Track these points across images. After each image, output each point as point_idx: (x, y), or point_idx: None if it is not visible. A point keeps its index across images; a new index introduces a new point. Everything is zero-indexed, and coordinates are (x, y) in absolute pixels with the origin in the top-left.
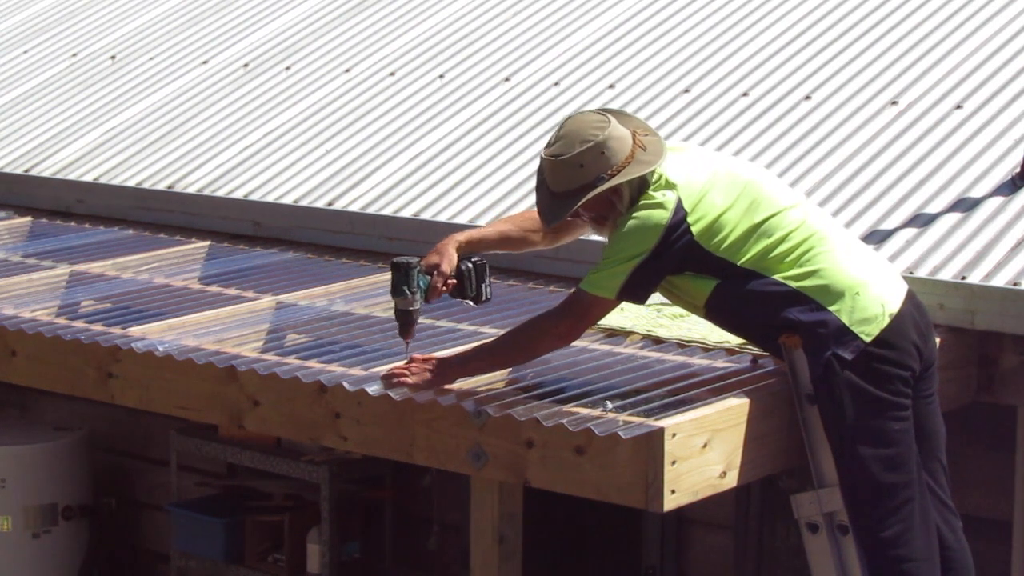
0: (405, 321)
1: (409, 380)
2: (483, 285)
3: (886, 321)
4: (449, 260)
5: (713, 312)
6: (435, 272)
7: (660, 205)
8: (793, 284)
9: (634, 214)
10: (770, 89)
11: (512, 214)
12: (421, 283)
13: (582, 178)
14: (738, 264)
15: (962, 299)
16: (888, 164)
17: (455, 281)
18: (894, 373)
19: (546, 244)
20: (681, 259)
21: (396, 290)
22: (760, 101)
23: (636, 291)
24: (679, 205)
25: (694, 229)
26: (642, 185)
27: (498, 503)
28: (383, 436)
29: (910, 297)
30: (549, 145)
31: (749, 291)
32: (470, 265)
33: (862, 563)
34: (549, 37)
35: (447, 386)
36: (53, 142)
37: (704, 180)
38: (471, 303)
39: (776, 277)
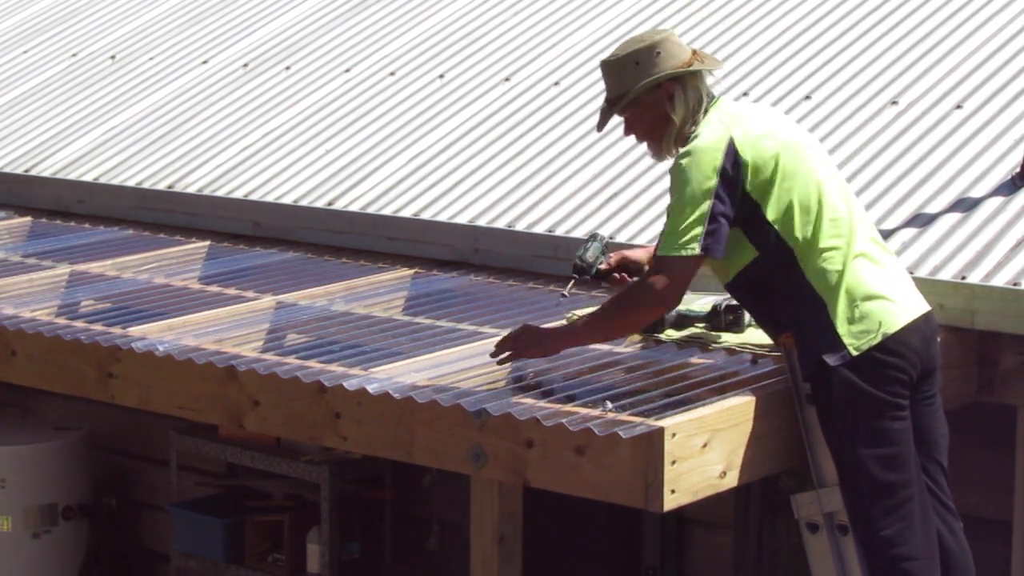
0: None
1: (516, 350)
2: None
3: (877, 339)
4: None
5: (738, 286)
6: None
7: (710, 140)
8: (810, 278)
9: (684, 158)
10: (771, 89)
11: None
12: (598, 250)
13: (637, 78)
14: (780, 233)
15: (962, 299)
16: (888, 164)
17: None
18: (892, 375)
19: None
20: (736, 203)
21: (579, 252)
22: (760, 101)
23: (713, 243)
24: (731, 144)
25: (747, 172)
26: (696, 99)
27: (498, 503)
28: (383, 436)
29: (924, 316)
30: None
31: (777, 274)
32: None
33: (862, 563)
34: (549, 37)
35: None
36: (53, 142)
37: (763, 129)
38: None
39: (802, 265)
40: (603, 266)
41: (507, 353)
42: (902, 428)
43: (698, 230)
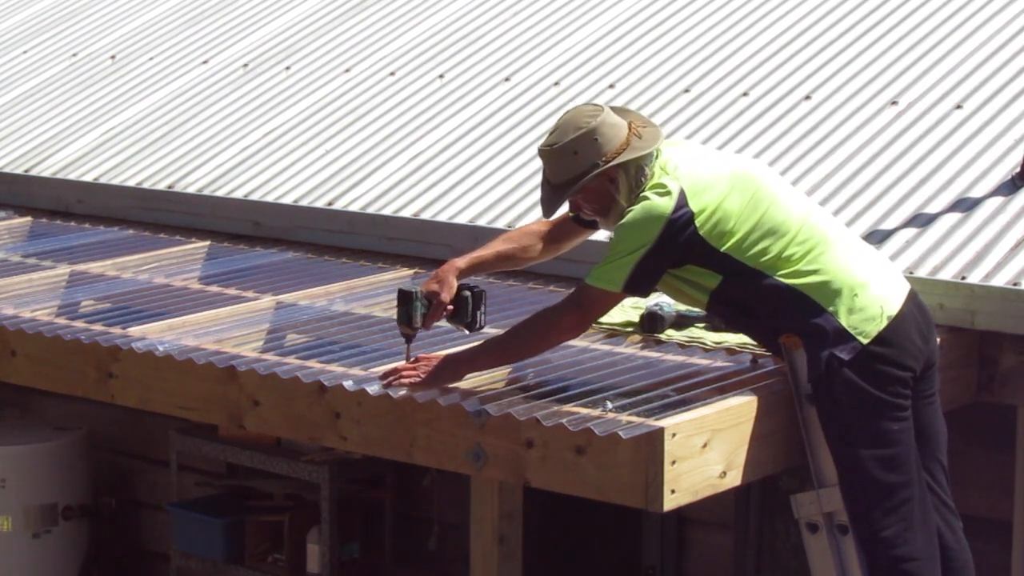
0: (406, 343)
1: (405, 380)
2: (479, 313)
3: (884, 323)
4: (449, 289)
5: (717, 307)
6: (434, 300)
7: (662, 195)
8: (793, 283)
9: (636, 205)
10: (770, 89)
11: (511, 230)
12: (421, 310)
13: (577, 166)
14: (742, 261)
15: (962, 299)
16: (888, 164)
17: (452, 308)
18: (893, 374)
19: (546, 255)
20: (685, 252)
21: (399, 318)
22: (760, 101)
23: (640, 283)
24: (682, 196)
25: (698, 222)
26: (639, 173)
27: (498, 503)
28: (383, 436)
29: (912, 298)
30: (545, 138)
31: (753, 289)
32: (467, 294)
33: (862, 563)
34: (549, 37)
35: (449, 385)
36: (53, 142)
37: (708, 174)
38: (465, 330)
39: (778, 276)
40: (425, 322)
41: (407, 383)
42: (902, 429)
43: (626, 270)
